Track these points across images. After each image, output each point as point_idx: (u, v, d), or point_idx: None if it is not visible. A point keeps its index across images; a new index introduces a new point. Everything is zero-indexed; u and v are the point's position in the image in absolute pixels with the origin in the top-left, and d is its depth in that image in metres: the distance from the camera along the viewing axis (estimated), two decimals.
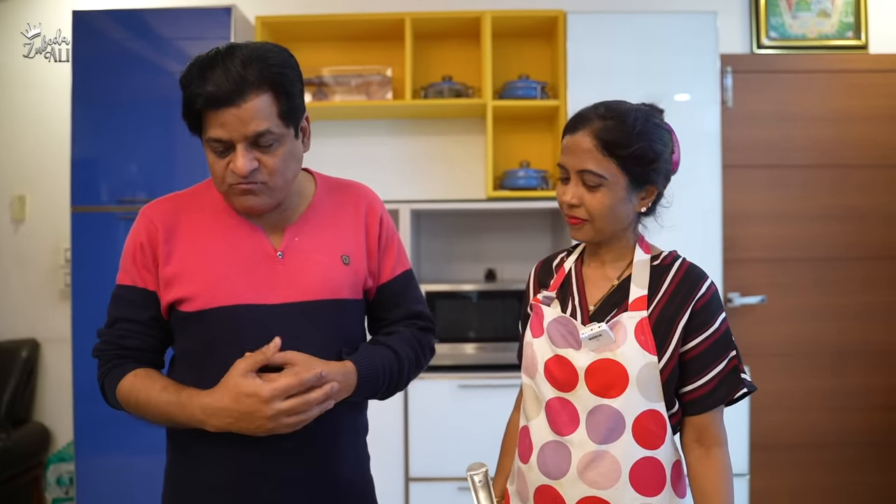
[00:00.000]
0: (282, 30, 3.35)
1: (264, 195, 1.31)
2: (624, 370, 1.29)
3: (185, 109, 1.28)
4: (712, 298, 1.35)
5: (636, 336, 1.31)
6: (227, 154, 1.27)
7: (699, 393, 1.33)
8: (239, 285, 1.31)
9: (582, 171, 1.32)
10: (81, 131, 3.00)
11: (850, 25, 3.53)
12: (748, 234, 3.44)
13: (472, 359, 3.09)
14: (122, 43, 3.04)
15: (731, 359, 1.34)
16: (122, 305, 1.37)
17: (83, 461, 2.95)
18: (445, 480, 2.98)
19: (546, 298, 1.44)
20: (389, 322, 1.52)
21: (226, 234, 1.36)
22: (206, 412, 1.25)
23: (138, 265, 1.35)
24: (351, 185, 1.53)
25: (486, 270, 3.48)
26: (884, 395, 3.50)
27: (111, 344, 1.36)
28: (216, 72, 1.22)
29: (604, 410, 1.30)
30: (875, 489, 3.51)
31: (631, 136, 1.30)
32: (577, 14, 3.18)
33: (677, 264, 1.38)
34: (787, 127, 3.48)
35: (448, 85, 3.29)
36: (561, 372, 1.34)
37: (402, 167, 3.52)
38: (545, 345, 1.38)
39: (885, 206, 3.51)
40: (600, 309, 1.38)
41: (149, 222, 1.36)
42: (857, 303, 3.50)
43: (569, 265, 1.47)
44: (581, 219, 1.35)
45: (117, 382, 1.34)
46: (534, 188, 3.23)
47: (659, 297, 1.35)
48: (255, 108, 1.24)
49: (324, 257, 1.39)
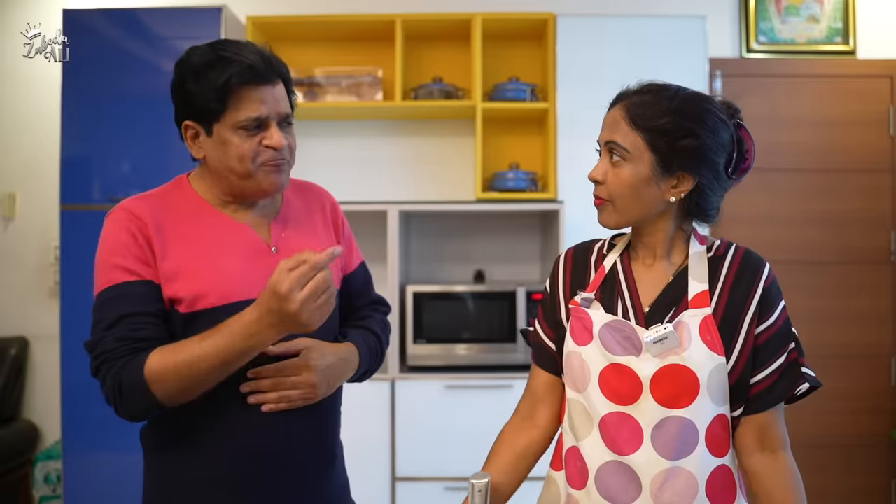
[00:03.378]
0: (273, 30, 3.35)
1: (286, 173, 1.38)
2: (694, 376, 1.17)
3: (210, 93, 1.28)
4: (773, 284, 1.25)
5: (702, 336, 1.19)
6: (258, 133, 1.31)
7: (759, 388, 1.21)
8: (245, 281, 1.32)
9: (608, 143, 1.24)
10: (72, 130, 3.00)
11: (838, 31, 3.56)
12: (735, 237, 3.42)
13: (460, 360, 3.10)
14: (113, 42, 3.04)
15: (791, 351, 1.24)
16: (124, 303, 1.27)
17: (71, 459, 2.95)
18: (432, 480, 2.99)
19: (585, 301, 1.29)
20: (357, 308, 1.60)
21: (217, 231, 1.36)
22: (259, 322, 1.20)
23: (133, 259, 1.29)
24: (309, 184, 1.59)
25: (475, 272, 3.49)
26: (868, 398, 3.53)
27: (124, 339, 1.25)
28: (244, 52, 1.29)
29: (674, 423, 1.17)
30: (858, 492, 3.53)
31: (661, 110, 1.21)
32: (567, 17, 3.20)
33: (732, 251, 1.29)
34: (775, 131, 3.51)
35: (438, 86, 3.30)
36: (621, 383, 1.21)
37: (392, 168, 3.53)
38: (597, 353, 1.23)
39: (871, 211, 3.54)
40: (655, 309, 1.25)
41: (135, 217, 1.31)
42: (843, 306, 3.53)
43: (611, 261, 1.33)
44: (602, 199, 1.27)
45: (142, 366, 1.22)
46: (523, 190, 3.24)
47: (719, 290, 1.24)
48: (281, 91, 1.35)
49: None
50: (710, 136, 1.21)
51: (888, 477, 3.55)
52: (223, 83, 1.26)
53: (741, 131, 1.28)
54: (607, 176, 1.25)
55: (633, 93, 1.25)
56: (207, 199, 1.39)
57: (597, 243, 1.40)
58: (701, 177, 1.22)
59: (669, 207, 1.26)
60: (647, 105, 1.22)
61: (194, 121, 1.33)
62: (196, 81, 1.29)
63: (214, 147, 1.33)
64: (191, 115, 1.33)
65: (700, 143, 1.20)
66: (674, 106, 1.21)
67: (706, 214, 1.28)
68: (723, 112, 1.25)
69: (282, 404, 1.32)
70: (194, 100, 1.30)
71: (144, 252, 1.30)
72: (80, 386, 2.93)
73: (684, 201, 1.26)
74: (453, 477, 2.96)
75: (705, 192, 1.24)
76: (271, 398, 1.32)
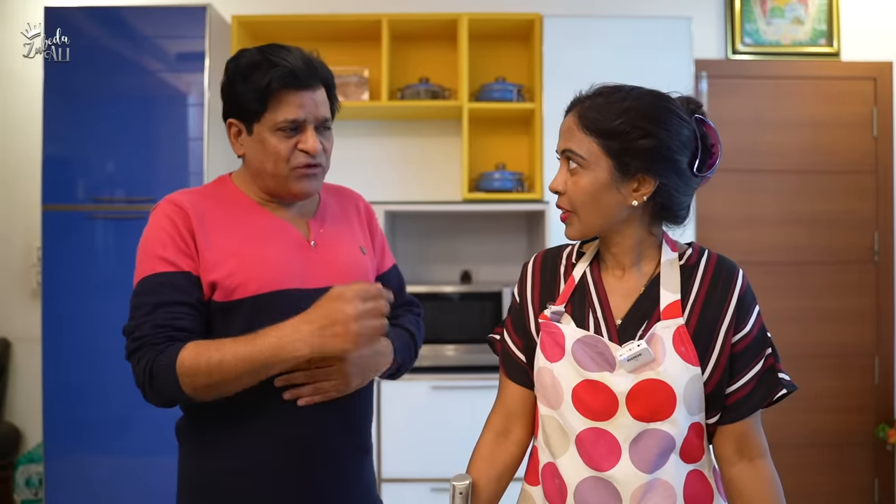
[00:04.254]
0: (258, 29, 3.33)
1: (319, 178, 1.44)
2: (671, 390, 1.14)
3: (252, 94, 1.34)
4: (748, 291, 1.22)
5: (676, 348, 1.15)
6: (294, 136, 1.37)
7: (736, 397, 1.19)
8: (286, 271, 1.38)
9: (564, 151, 1.21)
10: (54, 129, 2.97)
11: (822, 33, 3.58)
12: (721, 238, 3.48)
13: (446, 360, 3.10)
14: (96, 40, 3.01)
15: (768, 357, 1.20)
16: (164, 292, 1.31)
17: (52, 462, 2.92)
18: (418, 481, 2.98)
19: (555, 315, 1.25)
20: (390, 308, 1.60)
21: (258, 224, 1.42)
22: (297, 326, 1.25)
23: (178, 251, 1.34)
24: (344, 188, 1.66)
25: (461, 272, 3.48)
26: (852, 398, 3.56)
27: (162, 327, 1.29)
28: (288, 57, 1.35)
29: (651, 436, 1.15)
30: (843, 490, 3.56)
31: (613, 112, 1.17)
32: (553, 17, 3.20)
33: (705, 258, 1.25)
34: (760, 132, 3.53)
35: (424, 86, 3.29)
36: (595, 399, 1.17)
37: (379, 168, 3.52)
38: (570, 369, 1.20)
39: (853, 212, 3.56)
40: (628, 322, 1.21)
41: (179, 209, 1.37)
42: (825, 306, 3.56)
43: (580, 271, 1.29)
44: (566, 210, 1.23)
45: (176, 357, 1.26)
46: (509, 190, 3.24)
47: (692, 299, 1.20)
48: (322, 96, 1.41)
49: (347, 246, 1.51)
50: (667, 135, 1.16)
51: (872, 475, 3.57)
52: (265, 85, 1.33)
53: (704, 127, 1.23)
54: (567, 185, 1.21)
55: (585, 97, 1.22)
56: (248, 196, 1.46)
57: (566, 249, 1.36)
58: (662, 177, 1.18)
59: (634, 212, 1.21)
60: (599, 108, 1.18)
61: (237, 119, 1.40)
62: (241, 82, 1.36)
63: (253, 146, 1.39)
64: (235, 114, 1.40)
65: (657, 143, 1.16)
66: (625, 106, 1.17)
67: (675, 215, 1.24)
68: (682, 109, 1.20)
69: (316, 397, 1.36)
70: (238, 99, 1.37)
71: (186, 243, 1.35)
72: (63, 388, 2.90)
73: (649, 204, 1.21)
74: (439, 478, 2.95)
75: (670, 193, 1.20)
76: (306, 392, 1.36)
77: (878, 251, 3.56)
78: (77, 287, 2.93)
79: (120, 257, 2.94)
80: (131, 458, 2.87)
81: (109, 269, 2.94)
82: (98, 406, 2.89)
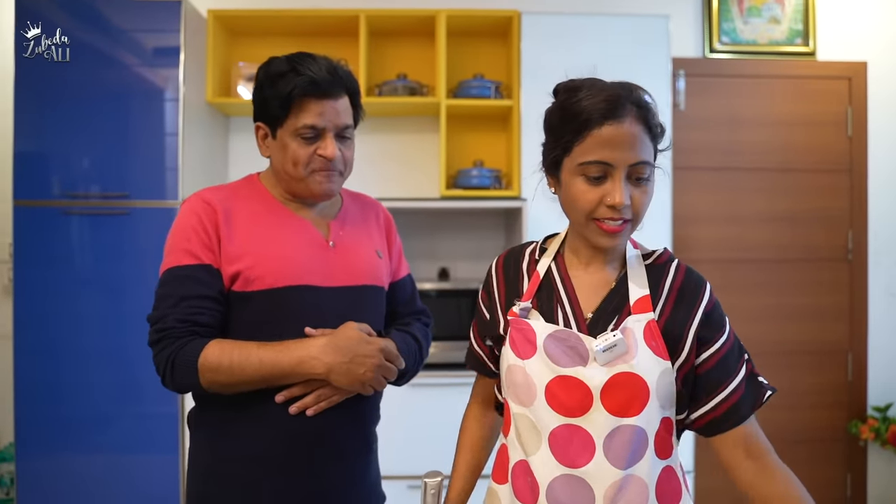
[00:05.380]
0: (234, 24, 3.30)
1: (337, 182, 1.52)
2: (644, 383, 1.14)
3: (276, 100, 1.43)
4: (717, 304, 1.22)
5: (647, 341, 1.16)
6: (314, 142, 1.45)
7: (730, 403, 1.19)
8: (302, 268, 1.45)
9: (636, 164, 1.14)
10: (25, 124, 2.91)
11: (799, 32, 3.61)
12: (697, 236, 3.50)
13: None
14: (70, 32, 2.96)
15: (747, 363, 1.22)
16: (188, 284, 1.39)
17: (24, 461, 2.88)
18: (395, 479, 2.97)
19: (523, 311, 1.24)
20: (400, 315, 1.71)
21: (281, 223, 1.49)
22: (324, 349, 1.38)
23: (202, 245, 1.41)
24: (365, 196, 1.75)
25: (439, 269, 3.48)
26: (826, 394, 3.60)
27: (185, 321, 1.38)
28: (312, 67, 1.43)
29: (625, 431, 1.14)
30: (815, 485, 3.59)
31: (654, 111, 1.17)
32: (531, 14, 3.20)
33: (674, 266, 1.24)
34: (737, 130, 3.55)
35: (402, 83, 3.28)
36: (569, 395, 1.16)
37: (356, 164, 3.44)
38: (542, 366, 1.18)
39: (829, 210, 3.60)
40: (598, 317, 1.20)
41: (206, 205, 1.44)
42: (803, 303, 3.59)
43: (544, 266, 1.28)
44: (626, 221, 1.17)
45: (199, 352, 1.36)
46: (487, 187, 3.23)
47: (663, 300, 1.20)
48: (345, 104, 1.48)
49: (365, 249, 1.58)
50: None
51: (844, 470, 3.61)
52: (288, 92, 1.41)
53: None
54: (633, 198, 1.15)
55: (630, 102, 1.14)
56: (273, 195, 1.53)
57: (528, 248, 1.35)
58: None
59: None
60: (653, 112, 1.16)
61: (264, 123, 1.49)
62: (269, 88, 1.44)
63: (277, 149, 1.48)
64: (262, 118, 1.49)
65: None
66: (651, 101, 1.17)
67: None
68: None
69: (322, 404, 1.43)
70: (265, 104, 1.46)
71: (210, 238, 1.42)
72: (35, 386, 2.86)
73: None
74: (416, 475, 2.94)
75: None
76: (310, 402, 1.42)
77: (851, 249, 3.60)
78: (51, 283, 2.89)
79: (95, 253, 2.90)
80: (106, 456, 2.85)
81: (85, 264, 2.90)
82: (72, 404, 2.85)
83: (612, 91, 1.14)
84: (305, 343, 1.39)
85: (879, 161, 3.60)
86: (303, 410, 1.42)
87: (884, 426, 3.43)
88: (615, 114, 1.12)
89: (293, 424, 1.42)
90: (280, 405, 1.41)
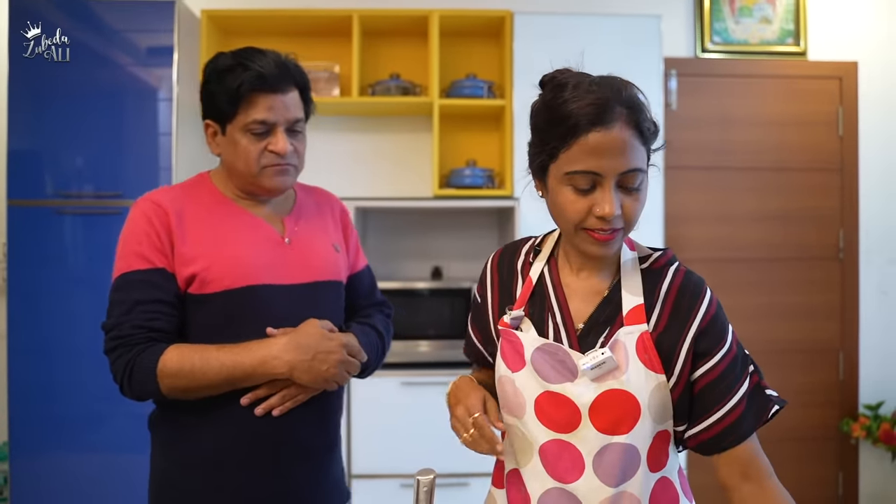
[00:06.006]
0: (228, 24, 3.31)
1: (291, 176, 1.49)
2: (635, 400, 1.09)
3: (224, 95, 1.40)
4: (718, 311, 1.14)
5: (639, 355, 1.10)
6: (265, 137, 1.43)
7: (730, 420, 1.11)
8: (260, 267, 1.44)
9: (626, 173, 1.06)
10: (19, 123, 2.92)
11: (790, 32, 3.63)
12: (689, 235, 3.52)
13: (416, 356, 3.10)
14: (64, 31, 2.97)
15: (752, 375, 1.14)
16: (142, 289, 1.37)
17: (18, 461, 2.88)
18: (388, 477, 2.98)
19: (514, 320, 1.19)
20: (360, 307, 1.71)
21: (235, 222, 1.47)
22: (285, 347, 1.37)
23: (154, 248, 1.39)
24: (320, 189, 1.71)
25: (432, 268, 3.49)
26: (818, 392, 3.62)
27: (142, 327, 1.36)
28: (260, 61, 1.40)
29: (615, 449, 1.10)
30: (808, 483, 3.61)
31: (646, 111, 1.09)
32: (523, 14, 3.21)
33: (672, 271, 1.17)
34: (728, 130, 3.57)
35: (395, 83, 3.29)
36: (558, 411, 1.12)
37: (350, 164, 3.52)
38: (531, 380, 1.14)
39: (821, 209, 3.62)
40: (589, 328, 1.15)
41: (157, 207, 1.41)
42: (795, 302, 3.61)
43: (537, 271, 1.22)
44: (617, 230, 1.10)
45: (157, 358, 1.34)
46: (480, 187, 3.25)
47: (658, 310, 1.13)
48: (294, 98, 1.46)
49: (321, 244, 1.57)
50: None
51: (836, 468, 3.63)
52: (236, 87, 1.39)
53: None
54: (624, 206, 1.08)
55: (619, 104, 1.06)
56: (225, 193, 1.51)
57: (524, 246, 1.29)
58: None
59: None
60: (644, 115, 1.08)
61: (213, 120, 1.46)
62: (216, 84, 1.42)
63: (227, 146, 1.46)
64: (210, 115, 1.46)
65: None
66: (643, 99, 1.09)
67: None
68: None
69: (288, 403, 1.42)
70: (213, 101, 1.43)
71: (162, 241, 1.39)
72: (28, 386, 2.86)
73: None
74: (409, 474, 2.95)
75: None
76: (275, 402, 1.41)
77: (843, 248, 3.62)
78: (45, 283, 2.89)
79: (88, 253, 2.90)
80: (100, 455, 2.85)
81: (78, 264, 2.91)
82: (65, 403, 2.86)
83: (599, 93, 1.06)
84: (266, 343, 1.38)
85: (870, 160, 3.62)
86: (269, 411, 1.41)
87: (875, 424, 3.45)
88: (603, 119, 1.04)
89: (257, 425, 1.40)
90: (244, 408, 1.40)
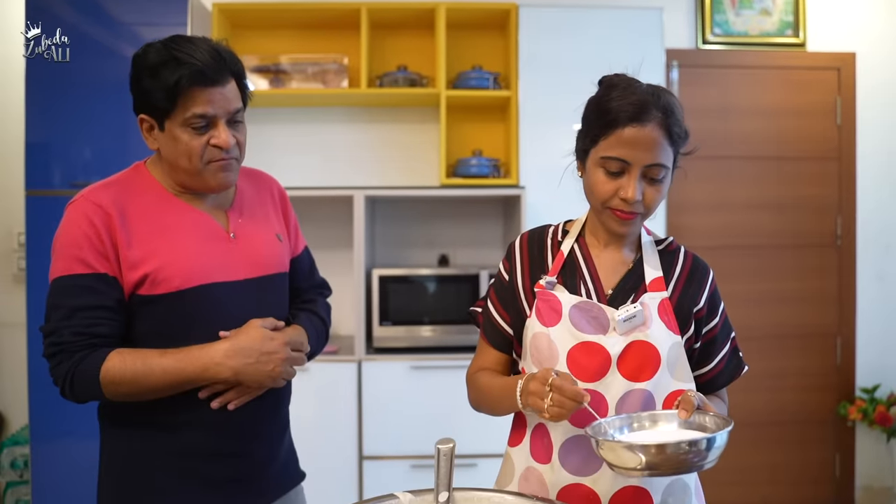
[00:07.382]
0: (239, 17, 3.37)
1: (234, 171, 1.44)
2: (656, 351, 1.27)
3: (161, 91, 1.32)
4: (716, 289, 1.40)
5: (660, 316, 1.30)
6: (206, 131, 1.36)
7: (712, 374, 1.38)
8: (208, 265, 1.40)
9: (652, 166, 1.26)
10: (36, 115, 2.98)
11: (789, 24, 3.69)
12: (691, 223, 3.59)
13: (425, 341, 3.18)
14: (77, 27, 3.03)
15: (733, 339, 1.41)
16: (81, 295, 1.32)
17: (38, 445, 2.95)
18: (398, 458, 3.07)
19: (549, 283, 1.35)
20: (303, 290, 1.68)
21: (178, 218, 1.41)
22: (228, 353, 1.34)
23: (95, 252, 1.32)
24: (258, 171, 1.65)
25: (439, 256, 3.56)
26: (812, 377, 3.70)
27: (82, 334, 1.31)
28: (195, 53, 1.33)
29: (636, 395, 1.27)
30: (805, 466, 3.70)
31: (679, 118, 1.29)
32: (528, 7, 3.27)
33: (683, 253, 1.40)
34: (729, 120, 3.64)
35: (403, 74, 3.35)
36: (590, 360, 1.28)
37: (358, 154, 3.58)
38: (566, 333, 1.30)
39: (818, 197, 3.69)
40: (617, 293, 1.34)
41: (98, 208, 1.34)
42: (793, 288, 3.68)
43: (568, 246, 1.39)
44: (636, 213, 1.30)
45: (99, 365, 1.30)
46: (486, 176, 3.31)
47: (674, 282, 1.35)
48: (233, 89, 1.40)
49: (265, 236, 1.53)
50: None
51: (833, 451, 3.72)
52: (173, 83, 1.31)
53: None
54: (645, 195, 1.28)
55: (656, 108, 1.26)
56: (165, 185, 1.44)
57: (549, 229, 1.45)
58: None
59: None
60: (677, 122, 1.27)
61: (148, 115, 1.38)
62: (149, 79, 1.34)
63: (166, 141, 1.38)
64: (145, 110, 1.38)
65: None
66: (678, 106, 1.29)
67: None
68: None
69: (244, 397, 1.41)
70: (148, 96, 1.35)
71: (104, 245, 1.33)
72: (48, 372, 2.93)
73: None
74: (419, 455, 3.04)
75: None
76: (231, 396, 1.39)
77: (840, 235, 3.69)
78: None
79: None
80: None
81: None
82: None
83: (641, 95, 1.26)
84: (208, 349, 1.34)
85: (868, 149, 3.69)
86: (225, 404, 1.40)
87: (871, 407, 3.53)
88: (640, 118, 1.24)
89: (214, 415, 1.39)
90: (193, 399, 1.38)
